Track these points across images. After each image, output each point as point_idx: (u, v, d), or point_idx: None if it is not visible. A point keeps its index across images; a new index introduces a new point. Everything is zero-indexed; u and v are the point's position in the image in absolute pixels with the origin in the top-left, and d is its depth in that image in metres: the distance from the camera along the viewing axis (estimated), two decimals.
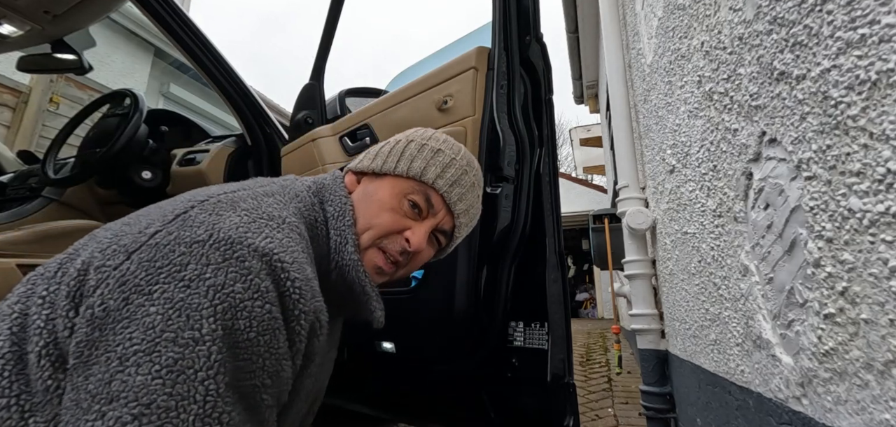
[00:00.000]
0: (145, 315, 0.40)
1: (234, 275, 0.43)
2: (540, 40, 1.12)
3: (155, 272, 0.42)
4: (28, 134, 3.92)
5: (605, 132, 5.17)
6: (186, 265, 0.42)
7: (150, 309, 0.40)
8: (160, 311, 0.40)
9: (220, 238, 0.44)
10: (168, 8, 1.56)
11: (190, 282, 0.42)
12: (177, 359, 0.39)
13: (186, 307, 0.40)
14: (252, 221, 0.48)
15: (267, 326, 0.43)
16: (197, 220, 0.46)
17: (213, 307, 0.41)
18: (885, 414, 0.42)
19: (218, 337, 0.40)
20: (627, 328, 3.76)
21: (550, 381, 0.95)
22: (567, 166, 17.54)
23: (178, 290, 0.41)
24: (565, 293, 1.03)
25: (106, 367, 0.38)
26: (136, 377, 0.37)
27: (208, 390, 0.39)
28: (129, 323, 0.40)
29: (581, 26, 4.38)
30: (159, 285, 0.41)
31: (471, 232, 1.02)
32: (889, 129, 0.39)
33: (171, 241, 0.44)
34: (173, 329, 0.39)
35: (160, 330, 0.39)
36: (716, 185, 0.82)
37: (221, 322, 0.41)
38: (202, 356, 0.39)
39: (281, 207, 0.54)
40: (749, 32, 0.62)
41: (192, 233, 0.44)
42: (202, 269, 0.42)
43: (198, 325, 0.40)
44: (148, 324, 0.39)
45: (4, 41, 1.73)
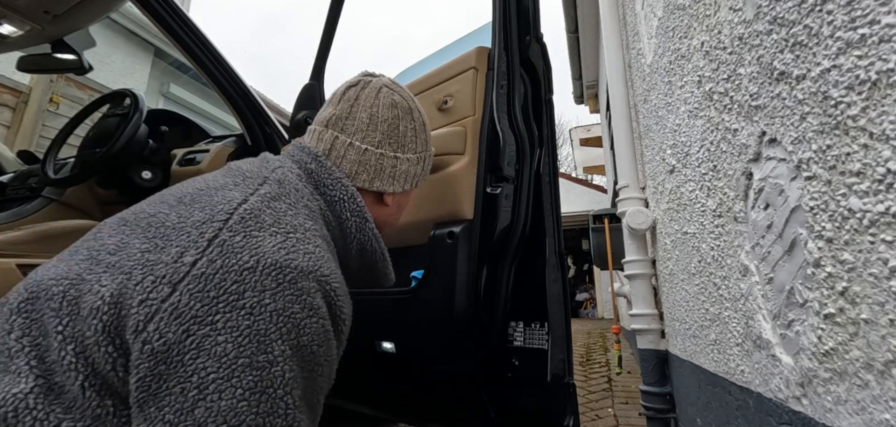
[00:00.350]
0: (214, 344, 0.42)
1: (290, 298, 0.46)
2: (540, 40, 1.12)
3: (211, 303, 0.44)
4: (28, 134, 3.92)
5: (605, 132, 5.17)
6: (243, 293, 0.45)
7: (218, 339, 0.42)
8: (230, 339, 0.42)
9: (268, 263, 0.47)
10: (168, 8, 1.56)
11: (252, 309, 0.44)
12: (256, 381, 0.42)
13: (255, 333, 0.43)
14: (285, 240, 0.51)
15: (323, 339, 0.49)
16: (236, 246, 0.48)
17: (278, 330, 0.44)
18: (885, 414, 0.42)
19: (288, 356, 0.45)
20: (627, 328, 3.76)
21: (550, 381, 0.95)
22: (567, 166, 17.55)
23: (243, 319, 0.44)
24: (565, 293, 1.03)
25: (184, 397, 0.40)
26: (220, 402, 0.40)
27: (288, 405, 0.44)
28: (198, 353, 0.42)
29: (581, 26, 4.39)
30: (221, 315, 0.43)
31: (471, 231, 1.02)
32: (889, 129, 0.39)
33: (218, 270, 0.45)
34: (247, 355, 0.42)
35: (234, 357, 0.42)
36: (716, 185, 0.82)
37: (288, 342, 0.45)
38: (278, 376, 0.44)
39: (295, 214, 0.57)
40: (749, 32, 0.62)
41: (238, 260, 0.47)
42: (260, 296, 0.45)
43: (269, 348, 0.44)
44: (220, 353, 0.42)
45: (4, 41, 1.73)
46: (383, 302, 1.15)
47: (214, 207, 0.52)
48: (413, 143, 0.76)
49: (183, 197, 0.55)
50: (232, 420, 0.40)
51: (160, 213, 0.53)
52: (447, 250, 1.01)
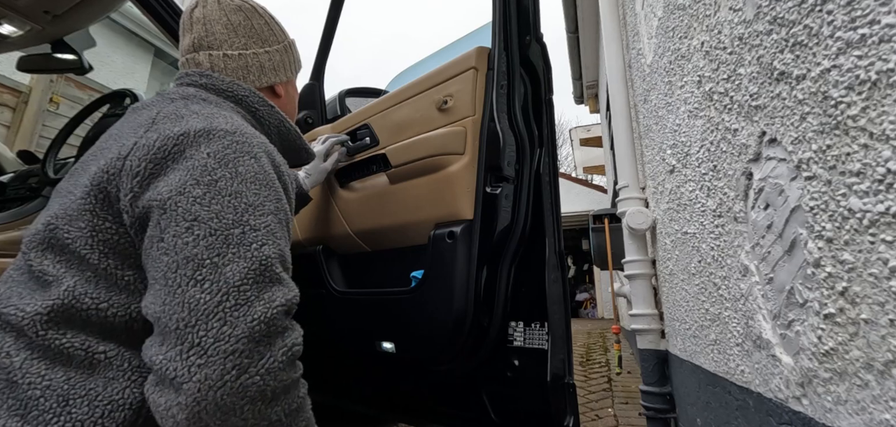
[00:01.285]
0: (187, 169, 0.57)
1: (220, 145, 0.59)
2: (540, 40, 1.12)
3: (159, 161, 0.58)
4: (28, 134, 3.92)
5: (605, 132, 5.17)
6: (183, 150, 0.58)
7: (190, 163, 0.57)
8: (182, 172, 0.57)
9: (197, 129, 0.60)
10: (168, 8, 1.57)
11: (192, 156, 0.58)
12: (205, 191, 0.55)
13: (200, 167, 0.57)
14: (208, 116, 0.64)
15: (259, 171, 0.61)
16: (166, 127, 0.61)
17: (217, 163, 0.58)
18: (885, 414, 0.42)
19: (229, 178, 0.58)
20: (627, 328, 3.76)
21: (550, 381, 0.95)
22: (567, 166, 17.55)
23: (187, 160, 0.57)
24: (565, 293, 1.03)
25: (167, 217, 0.54)
26: (185, 206, 0.54)
27: (236, 207, 0.56)
28: (173, 174, 0.57)
29: (581, 26, 4.39)
30: (170, 164, 0.58)
31: (471, 232, 1.02)
32: (889, 129, 0.39)
33: (156, 139, 0.59)
34: (195, 177, 0.56)
35: (187, 181, 0.56)
36: (716, 185, 0.82)
37: (228, 170, 0.58)
38: (223, 187, 0.56)
39: (210, 107, 0.69)
40: (749, 32, 0.62)
41: (170, 131, 0.59)
42: (196, 149, 0.58)
43: (213, 173, 0.57)
44: (176, 180, 0.56)
45: (4, 41, 1.73)
46: (383, 302, 1.15)
47: (137, 125, 0.63)
48: (272, 36, 0.86)
49: (106, 140, 0.67)
50: (190, 217, 0.53)
51: (92, 155, 0.65)
52: (447, 250, 1.01)
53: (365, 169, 1.28)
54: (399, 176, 1.16)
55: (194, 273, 0.50)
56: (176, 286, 0.49)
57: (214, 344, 0.46)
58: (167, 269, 0.51)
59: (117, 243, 0.58)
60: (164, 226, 0.53)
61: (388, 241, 1.25)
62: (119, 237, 0.58)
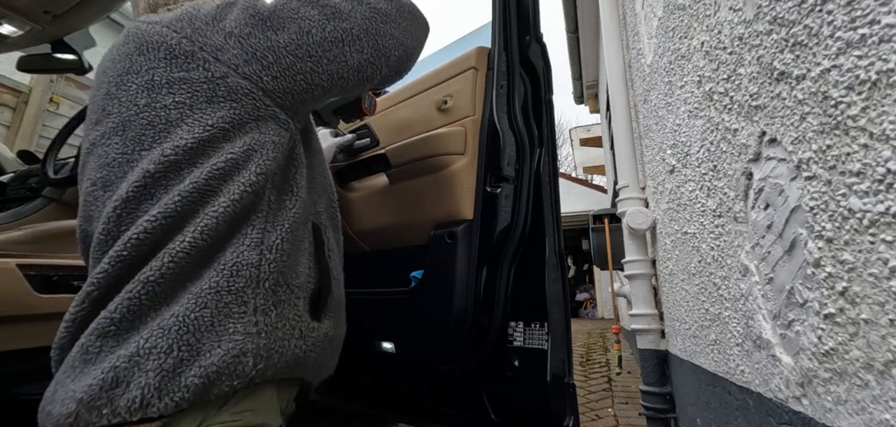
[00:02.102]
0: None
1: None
2: (540, 40, 1.12)
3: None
4: (28, 134, 3.92)
5: (605, 132, 5.17)
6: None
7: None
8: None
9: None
10: None
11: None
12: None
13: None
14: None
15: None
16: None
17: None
18: (885, 414, 0.42)
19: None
20: (627, 328, 3.76)
21: (550, 381, 0.95)
22: (567, 166, 17.54)
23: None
24: (565, 293, 1.03)
25: (252, 23, 0.62)
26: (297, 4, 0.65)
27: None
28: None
29: (581, 26, 4.39)
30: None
31: (471, 231, 1.02)
32: (889, 129, 0.39)
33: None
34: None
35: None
36: (716, 185, 0.82)
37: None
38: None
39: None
40: (749, 32, 0.62)
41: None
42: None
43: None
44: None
45: (4, 41, 1.73)
46: (383, 302, 1.15)
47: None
48: None
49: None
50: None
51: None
52: (447, 250, 1.01)
53: (365, 169, 1.28)
54: (399, 176, 1.16)
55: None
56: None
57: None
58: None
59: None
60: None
61: (388, 241, 1.25)
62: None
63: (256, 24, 0.60)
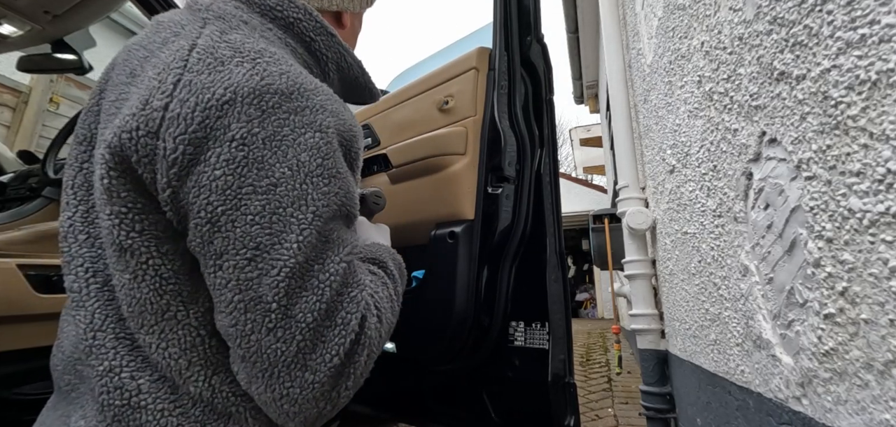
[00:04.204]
0: (213, 180, 0.45)
1: (278, 122, 0.47)
2: (541, 41, 1.12)
3: (199, 143, 0.45)
4: (28, 134, 3.92)
5: (605, 132, 5.17)
6: (230, 126, 0.45)
7: (215, 173, 0.45)
8: (228, 171, 0.45)
9: (246, 93, 0.46)
10: (168, 8, 1.57)
11: (244, 140, 0.45)
12: (264, 205, 0.45)
13: (253, 161, 0.46)
14: (254, 66, 0.48)
15: (326, 151, 0.50)
16: (204, 83, 0.46)
17: (274, 154, 0.46)
18: (885, 414, 0.42)
19: (289, 176, 0.47)
20: (627, 328, 3.76)
21: (551, 381, 0.95)
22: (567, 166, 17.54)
23: (237, 150, 0.46)
24: (565, 293, 1.03)
25: (201, 233, 0.46)
26: (234, 231, 0.45)
27: (300, 221, 0.46)
28: (200, 190, 0.45)
29: (581, 26, 4.39)
30: (212, 150, 0.45)
31: (471, 231, 1.02)
32: (889, 129, 0.39)
33: (194, 109, 0.44)
34: (250, 183, 0.45)
35: (237, 187, 0.45)
36: (716, 185, 0.82)
37: (288, 163, 0.46)
38: (284, 195, 0.46)
39: (254, 41, 0.53)
40: (749, 32, 0.62)
41: (212, 95, 0.45)
42: (249, 126, 0.46)
43: (270, 172, 0.45)
44: (223, 186, 0.45)
45: (4, 41, 1.73)
46: None
47: (164, 60, 0.49)
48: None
49: (130, 66, 0.53)
50: (249, 244, 0.43)
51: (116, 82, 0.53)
52: (448, 250, 1.01)
53: (365, 169, 1.28)
54: (400, 176, 1.16)
55: (264, 318, 0.43)
56: (248, 331, 0.43)
57: (301, 393, 0.44)
58: (234, 308, 0.43)
59: (166, 228, 0.47)
60: (221, 250, 0.43)
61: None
62: (165, 222, 0.47)
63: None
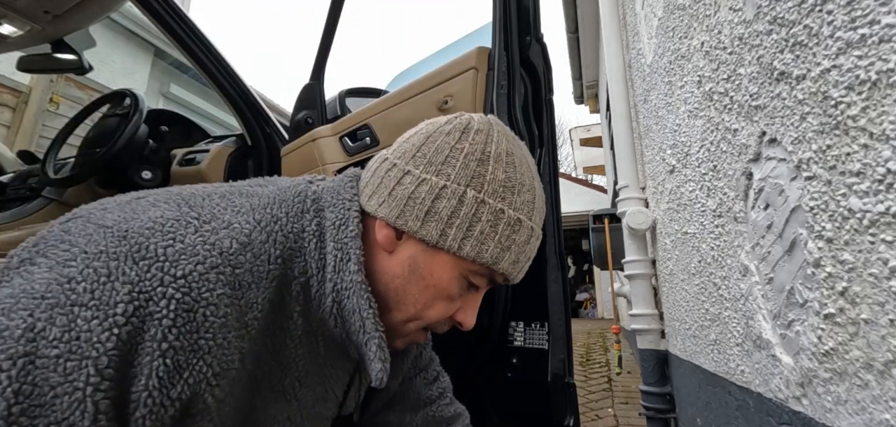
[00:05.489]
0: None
1: (92, 267, 0.36)
2: (540, 40, 1.12)
3: (34, 243, 0.39)
4: (28, 134, 3.92)
5: (605, 132, 5.17)
6: (59, 243, 0.38)
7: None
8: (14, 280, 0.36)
9: (114, 223, 0.39)
10: (168, 8, 1.56)
11: (49, 259, 0.36)
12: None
13: (15, 293, 0.35)
14: (179, 217, 0.40)
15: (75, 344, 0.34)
16: (115, 206, 0.41)
17: (41, 298, 0.34)
18: (885, 414, 0.42)
19: (15, 337, 0.32)
20: (627, 328, 3.75)
21: (551, 381, 0.95)
22: (567, 166, 17.53)
23: (35, 272, 0.36)
24: (565, 293, 1.03)
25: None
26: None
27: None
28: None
29: (581, 26, 4.39)
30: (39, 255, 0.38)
31: None
32: (889, 129, 0.39)
33: (67, 220, 0.40)
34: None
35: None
36: (716, 185, 0.82)
37: (30, 320, 0.33)
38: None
39: (238, 212, 0.44)
40: (749, 32, 0.62)
41: (100, 219, 0.39)
42: (69, 250, 0.37)
43: (10, 314, 0.33)
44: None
45: (4, 41, 1.73)
46: None
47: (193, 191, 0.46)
48: (459, 170, 0.52)
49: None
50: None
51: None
52: None
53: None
54: None
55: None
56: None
57: None
58: None
59: None
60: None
61: None
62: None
63: None
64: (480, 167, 0.50)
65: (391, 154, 0.53)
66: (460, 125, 0.52)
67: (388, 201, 0.49)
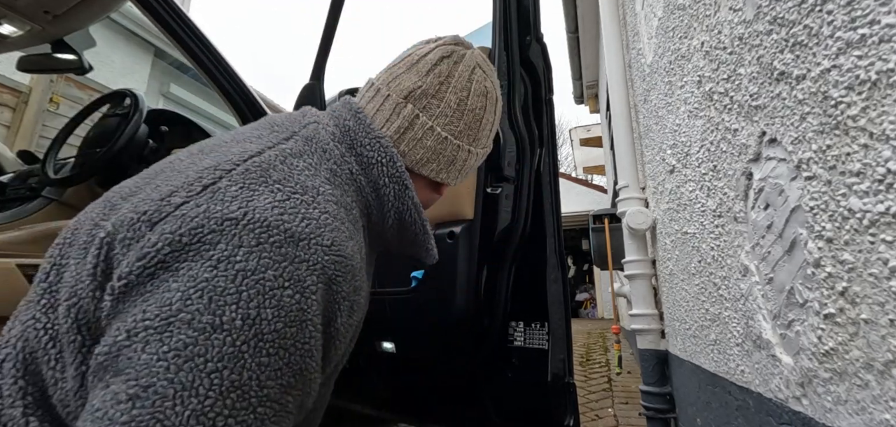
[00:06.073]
0: (166, 291, 0.37)
1: (267, 261, 0.40)
2: (540, 40, 1.12)
3: (182, 248, 0.39)
4: (28, 134, 3.92)
5: (605, 132, 5.17)
6: (216, 244, 0.39)
7: (172, 285, 0.37)
8: (180, 287, 0.37)
9: (256, 219, 0.41)
10: (168, 8, 1.56)
11: (217, 263, 0.38)
12: (188, 344, 0.35)
13: (209, 289, 0.37)
14: (286, 199, 0.45)
15: (294, 319, 0.39)
16: (228, 194, 0.43)
17: (238, 293, 0.38)
18: (885, 414, 0.42)
19: (237, 328, 0.37)
20: (627, 328, 3.75)
21: (551, 381, 0.95)
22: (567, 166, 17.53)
23: (203, 270, 0.38)
24: (565, 293, 1.03)
25: (114, 340, 0.36)
26: (141, 355, 0.35)
27: (212, 384, 0.35)
28: (149, 297, 0.37)
29: (581, 26, 4.39)
30: (185, 263, 0.38)
31: (471, 231, 1.02)
32: (889, 129, 0.39)
33: (199, 213, 0.41)
34: (191, 310, 0.36)
35: (177, 309, 0.36)
36: (716, 185, 0.82)
37: (243, 311, 0.37)
38: (216, 345, 0.35)
39: (313, 175, 0.50)
40: (749, 32, 0.62)
41: (224, 208, 0.41)
42: (233, 251, 0.39)
43: (218, 311, 0.36)
44: (165, 300, 0.37)
45: (4, 41, 1.73)
46: (384, 302, 1.15)
47: (227, 155, 0.48)
48: (487, 137, 0.69)
49: (205, 147, 0.54)
50: (143, 378, 0.34)
51: (179, 161, 0.52)
52: (448, 250, 1.01)
53: None
54: None
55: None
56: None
57: None
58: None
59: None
60: (120, 369, 0.35)
61: None
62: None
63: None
64: (495, 126, 0.70)
65: (437, 122, 0.63)
66: (481, 90, 0.66)
67: (450, 172, 0.66)
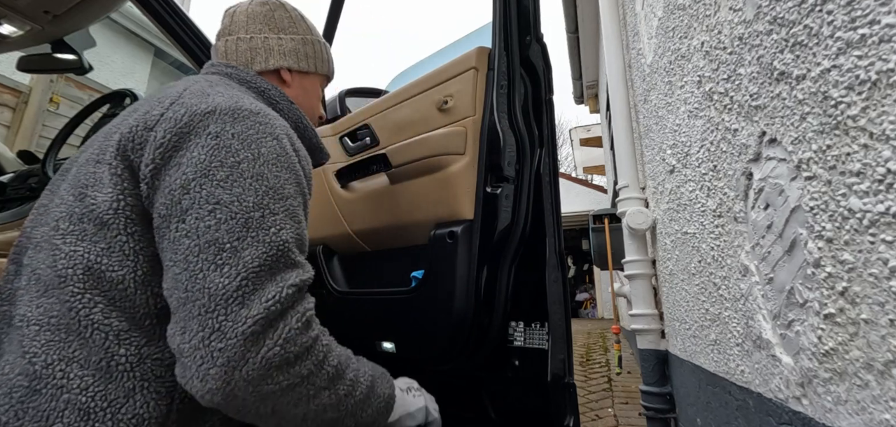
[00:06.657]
0: (191, 156, 0.57)
1: (246, 125, 0.61)
2: (540, 40, 1.12)
3: (184, 135, 0.58)
4: (28, 134, 3.92)
5: (605, 132, 5.17)
6: (208, 126, 0.59)
7: (193, 152, 0.57)
8: (202, 152, 0.57)
9: (224, 107, 0.61)
10: (168, 8, 1.57)
11: (217, 134, 0.59)
12: (228, 173, 0.57)
13: (222, 146, 0.58)
14: (232, 95, 0.65)
15: (280, 153, 0.63)
16: (194, 100, 0.62)
17: (241, 143, 0.59)
18: (885, 414, 0.42)
19: (252, 159, 0.59)
20: (627, 328, 3.75)
21: (550, 381, 0.95)
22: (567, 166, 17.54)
23: (210, 139, 0.58)
24: (565, 293, 1.03)
25: (169, 197, 0.55)
26: (200, 192, 0.55)
27: (257, 190, 0.58)
28: (180, 163, 0.56)
29: (581, 26, 4.39)
30: (193, 139, 0.58)
31: (471, 232, 1.02)
32: (889, 129, 0.39)
33: (183, 114, 0.59)
34: (219, 159, 0.57)
35: (208, 162, 0.56)
36: (716, 185, 0.82)
37: (250, 151, 0.59)
38: (246, 169, 0.58)
39: (234, 89, 0.71)
40: (749, 32, 0.62)
41: (198, 104, 0.61)
42: (222, 126, 0.59)
43: (235, 154, 0.58)
44: (194, 159, 0.56)
45: (4, 41, 1.73)
46: (383, 302, 1.15)
47: (167, 93, 0.65)
48: (292, 27, 0.87)
49: (129, 111, 0.68)
50: (212, 200, 0.54)
51: (114, 126, 0.66)
52: (447, 250, 1.01)
53: (365, 169, 1.28)
54: (399, 176, 1.16)
55: (215, 257, 0.51)
56: (198, 270, 0.51)
57: (233, 327, 0.49)
58: (189, 253, 0.52)
59: (142, 213, 0.58)
60: (187, 207, 0.54)
61: (389, 241, 1.25)
62: (141, 207, 0.58)
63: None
64: (299, 22, 0.90)
65: (239, 33, 0.85)
66: (259, 2, 0.88)
67: (269, 58, 0.84)
